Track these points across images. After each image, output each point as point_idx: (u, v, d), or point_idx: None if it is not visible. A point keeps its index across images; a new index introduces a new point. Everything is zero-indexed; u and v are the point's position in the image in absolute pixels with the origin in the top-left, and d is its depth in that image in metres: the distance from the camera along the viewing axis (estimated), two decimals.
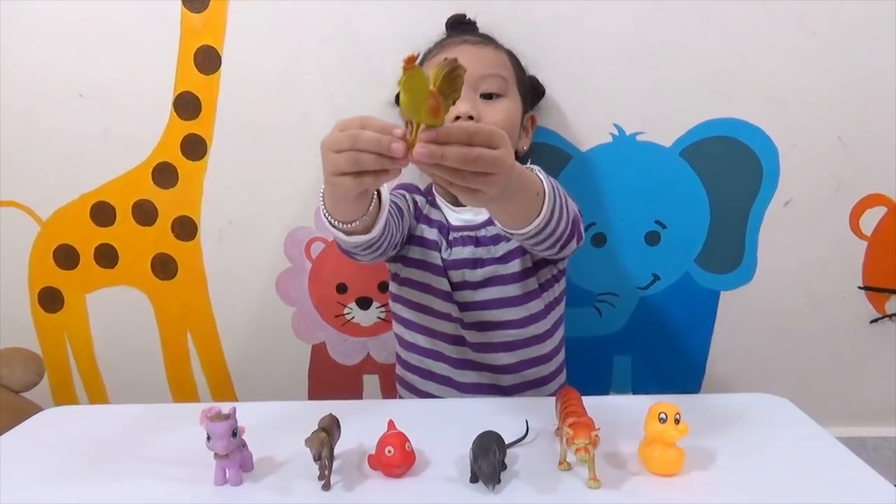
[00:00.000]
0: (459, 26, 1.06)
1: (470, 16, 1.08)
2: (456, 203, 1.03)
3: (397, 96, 1.10)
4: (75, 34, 1.14)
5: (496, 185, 0.62)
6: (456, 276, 1.00)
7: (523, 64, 1.07)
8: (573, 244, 0.86)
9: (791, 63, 1.13)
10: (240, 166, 1.19)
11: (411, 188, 1.08)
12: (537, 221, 0.74)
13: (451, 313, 1.01)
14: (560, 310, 1.05)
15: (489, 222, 1.00)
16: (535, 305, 0.99)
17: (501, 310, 0.99)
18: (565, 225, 0.80)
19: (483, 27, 1.08)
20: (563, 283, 1.05)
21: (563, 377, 1.09)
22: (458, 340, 1.02)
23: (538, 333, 1.00)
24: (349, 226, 0.76)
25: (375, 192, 0.77)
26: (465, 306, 1.00)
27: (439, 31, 1.09)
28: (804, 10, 1.11)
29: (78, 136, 1.18)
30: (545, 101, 1.14)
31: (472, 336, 1.00)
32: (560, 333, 1.06)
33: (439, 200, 1.06)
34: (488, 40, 1.02)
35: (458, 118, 0.92)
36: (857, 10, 1.11)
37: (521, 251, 0.98)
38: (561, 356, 1.07)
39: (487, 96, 0.97)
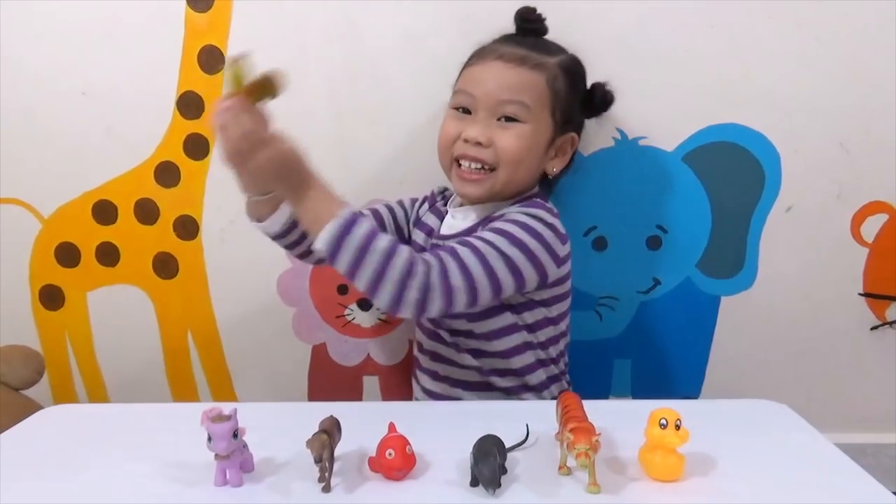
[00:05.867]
0: (524, 23, 1.02)
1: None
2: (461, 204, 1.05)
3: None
4: (79, 32, 1.14)
5: (252, 163, 0.80)
6: None
7: (586, 73, 1.04)
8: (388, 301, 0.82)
9: (794, 69, 1.13)
10: None
11: (414, 200, 1.11)
12: (318, 244, 0.81)
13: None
14: (535, 336, 1.01)
15: (469, 231, 0.99)
16: (498, 322, 0.98)
17: (465, 321, 0.99)
18: (368, 276, 0.80)
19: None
20: (543, 312, 1.00)
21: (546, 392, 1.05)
22: (433, 336, 1.05)
23: (501, 350, 0.99)
24: (253, 197, 0.92)
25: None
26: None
27: (442, 31, 1.09)
28: (807, 17, 1.11)
29: (80, 134, 1.18)
30: None
31: (442, 336, 1.03)
32: (529, 358, 1.01)
33: (451, 206, 1.07)
34: (529, 56, 0.96)
35: (466, 141, 0.96)
36: (860, 17, 1.11)
37: None
38: (537, 375, 1.02)
39: (508, 118, 0.96)
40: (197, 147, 1.18)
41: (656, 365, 1.26)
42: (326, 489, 0.68)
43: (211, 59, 1.14)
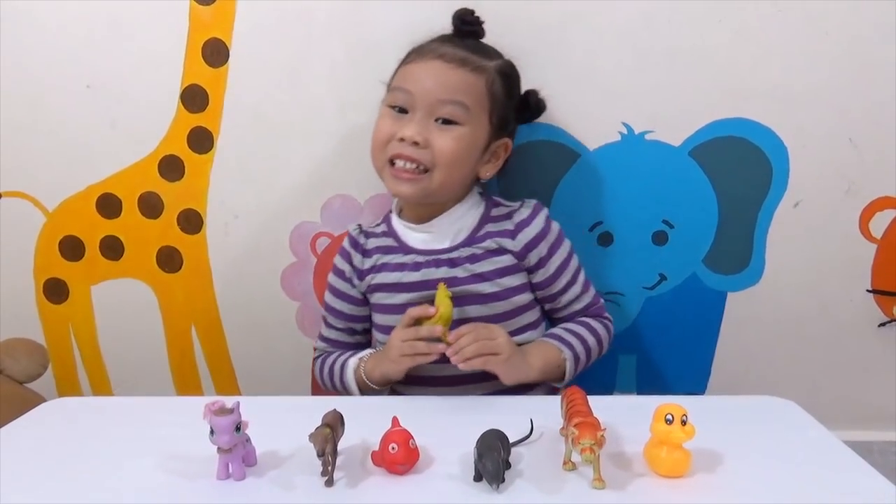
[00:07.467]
0: (462, 24, 1.02)
1: (478, 14, 1.05)
2: (417, 221, 1.03)
3: None
4: (83, 25, 1.14)
5: (501, 361, 0.90)
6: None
7: (521, 79, 1.05)
8: None
9: (802, 63, 1.12)
10: (246, 160, 1.19)
11: (347, 253, 1.08)
12: (564, 382, 0.99)
13: None
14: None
15: (458, 246, 1.01)
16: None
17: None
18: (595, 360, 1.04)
19: (492, 25, 1.06)
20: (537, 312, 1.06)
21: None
22: None
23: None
24: (380, 388, 1.00)
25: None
26: None
27: (446, 23, 1.07)
28: (816, 11, 1.10)
29: (85, 127, 1.17)
30: (554, 99, 1.12)
31: None
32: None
33: (398, 224, 1.06)
34: (469, 58, 0.97)
35: (402, 140, 0.95)
36: (869, 11, 1.10)
37: (497, 273, 1.00)
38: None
39: (447, 121, 0.96)
40: (201, 140, 1.17)
41: (662, 361, 1.26)
42: (329, 483, 0.68)
43: (215, 52, 1.14)
